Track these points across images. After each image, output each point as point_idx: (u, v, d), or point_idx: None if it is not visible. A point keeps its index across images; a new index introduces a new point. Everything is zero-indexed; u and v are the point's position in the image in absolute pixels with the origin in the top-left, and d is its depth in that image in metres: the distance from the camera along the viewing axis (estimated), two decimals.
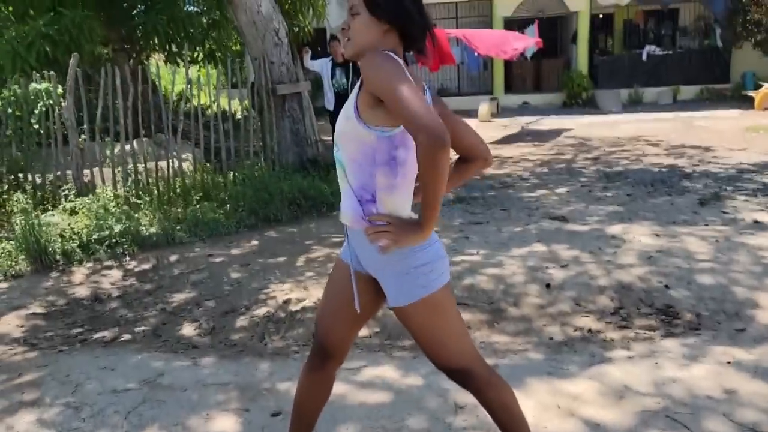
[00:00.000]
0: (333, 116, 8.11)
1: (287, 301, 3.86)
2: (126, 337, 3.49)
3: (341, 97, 8.01)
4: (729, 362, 2.81)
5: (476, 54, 11.91)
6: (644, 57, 16.61)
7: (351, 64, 7.88)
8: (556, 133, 11.66)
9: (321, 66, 8.34)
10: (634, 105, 16.04)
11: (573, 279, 3.94)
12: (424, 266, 1.69)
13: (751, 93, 14.06)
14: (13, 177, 6.21)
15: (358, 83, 1.66)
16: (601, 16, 18.44)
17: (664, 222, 5.09)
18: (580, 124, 12.76)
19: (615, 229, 4.99)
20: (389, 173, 1.66)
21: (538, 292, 3.78)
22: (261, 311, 3.73)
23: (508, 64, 17.04)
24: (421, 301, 1.69)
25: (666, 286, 3.72)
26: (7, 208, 5.91)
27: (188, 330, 3.54)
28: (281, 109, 7.19)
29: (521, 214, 5.69)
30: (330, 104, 8.20)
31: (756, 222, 4.94)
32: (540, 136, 11.31)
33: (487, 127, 13.34)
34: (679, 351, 2.95)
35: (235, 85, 7.96)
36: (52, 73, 6.37)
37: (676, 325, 3.25)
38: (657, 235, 4.72)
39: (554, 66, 18.16)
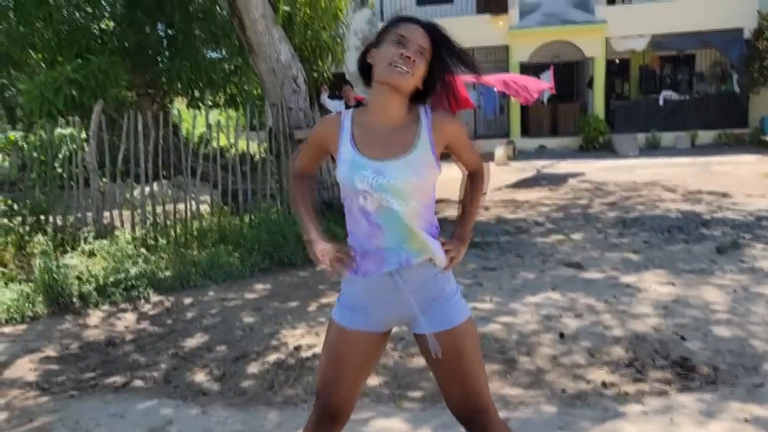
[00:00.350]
0: None
1: (298, 348, 3.85)
2: (137, 382, 3.49)
3: None
4: (747, 419, 2.74)
5: (495, 90, 12.06)
6: (661, 102, 16.70)
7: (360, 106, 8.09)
8: (572, 177, 11.67)
9: (335, 108, 8.51)
10: (651, 149, 16.04)
11: (587, 329, 3.89)
12: (458, 292, 1.88)
13: None
14: (35, 219, 6.34)
15: (428, 134, 1.76)
16: (617, 61, 18.64)
17: (680, 270, 5.03)
18: (596, 168, 12.76)
19: (630, 277, 4.94)
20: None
21: (552, 342, 3.73)
22: (272, 357, 3.73)
23: (524, 107, 17.21)
24: (467, 322, 1.82)
25: (682, 338, 3.66)
26: (28, 249, 6.03)
27: (199, 376, 3.54)
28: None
29: (536, 260, 5.66)
30: None
31: None
32: (556, 181, 11.32)
33: (503, 171, 13.40)
34: (695, 407, 2.88)
35: (255, 127, 8.14)
36: (76, 118, 6.57)
37: (692, 378, 3.17)
38: (673, 284, 4.66)
39: (571, 110, 18.31)
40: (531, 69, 17.05)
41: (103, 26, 10.41)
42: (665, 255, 5.58)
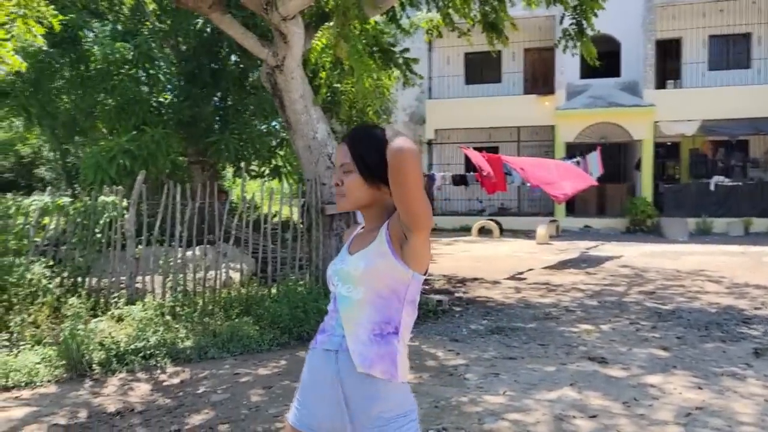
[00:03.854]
0: None
1: None
2: None
3: None
4: None
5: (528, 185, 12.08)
6: (712, 187, 16.29)
7: None
8: (613, 260, 11.37)
9: None
10: (702, 235, 15.54)
11: None
12: (410, 415, 1.73)
13: None
14: (72, 282, 6.59)
15: (385, 229, 1.73)
16: (669, 143, 18.44)
17: (710, 373, 4.76)
18: (641, 253, 12.42)
19: (656, 377, 4.70)
20: (412, 312, 1.78)
21: None
22: None
23: None
24: None
25: None
26: (62, 311, 6.24)
27: None
28: (329, 227, 7.44)
29: (559, 351, 5.47)
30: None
31: None
32: (596, 263, 11.05)
33: (543, 250, 13.20)
34: None
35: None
36: (120, 188, 6.92)
37: None
38: (700, 388, 4.40)
39: (618, 191, 18.06)
40: (577, 149, 17.05)
41: (160, 99, 11.06)
42: (697, 354, 5.30)
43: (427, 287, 8.88)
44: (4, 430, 3.91)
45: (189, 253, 7.13)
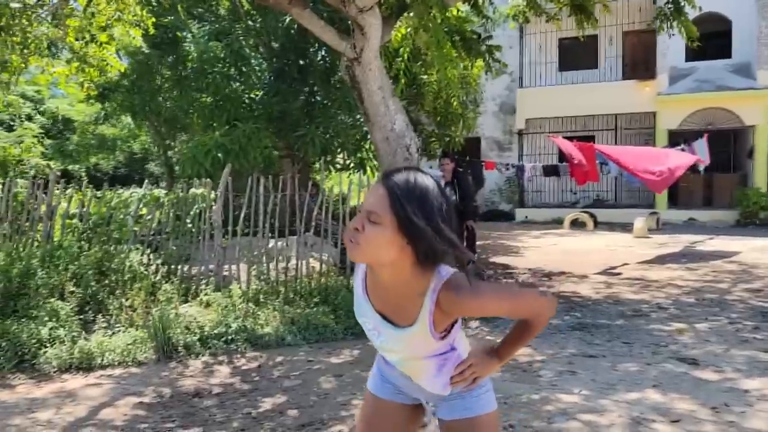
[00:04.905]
0: None
1: None
2: None
3: None
4: None
5: (626, 172, 11.40)
6: None
7: (455, 180, 8.18)
8: (719, 255, 10.57)
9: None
10: None
11: None
12: (487, 385, 1.89)
13: None
14: (166, 269, 7.00)
15: (429, 318, 1.61)
16: None
17: None
18: (751, 248, 11.46)
19: (753, 381, 4.31)
20: (460, 330, 1.84)
21: None
22: (334, 429, 3.72)
23: None
24: (487, 416, 1.82)
25: None
26: (157, 297, 6.65)
27: None
28: None
29: (645, 350, 5.15)
30: None
31: None
32: (698, 258, 10.31)
33: (641, 244, 12.52)
34: None
35: None
36: (208, 180, 7.25)
37: None
38: None
39: (727, 181, 16.78)
40: (681, 137, 15.97)
41: (251, 95, 11.50)
42: None
43: (510, 281, 8.67)
44: (94, 404, 4.22)
45: (273, 242, 7.37)
